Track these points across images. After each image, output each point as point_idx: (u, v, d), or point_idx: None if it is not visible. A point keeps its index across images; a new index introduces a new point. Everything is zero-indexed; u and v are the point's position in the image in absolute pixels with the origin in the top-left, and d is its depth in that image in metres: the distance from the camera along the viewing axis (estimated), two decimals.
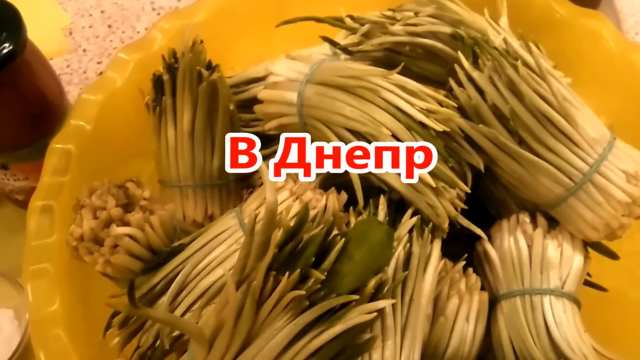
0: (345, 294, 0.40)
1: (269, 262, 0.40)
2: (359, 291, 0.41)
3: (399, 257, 0.49)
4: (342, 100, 0.52)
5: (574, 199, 0.53)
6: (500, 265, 0.56)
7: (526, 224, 0.56)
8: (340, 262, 0.42)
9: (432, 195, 0.52)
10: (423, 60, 0.59)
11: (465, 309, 0.53)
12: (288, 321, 0.39)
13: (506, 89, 0.53)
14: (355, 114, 0.52)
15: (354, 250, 0.42)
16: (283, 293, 0.39)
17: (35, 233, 0.54)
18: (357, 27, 0.60)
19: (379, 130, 0.50)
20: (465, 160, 0.55)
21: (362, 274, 0.42)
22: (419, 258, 0.49)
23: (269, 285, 0.40)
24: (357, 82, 0.52)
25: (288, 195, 0.50)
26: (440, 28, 0.57)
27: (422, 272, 0.49)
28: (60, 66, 0.85)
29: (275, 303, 0.39)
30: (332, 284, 0.41)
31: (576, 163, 0.53)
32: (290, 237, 0.41)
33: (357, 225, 0.45)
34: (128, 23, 0.89)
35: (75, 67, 0.85)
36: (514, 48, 0.54)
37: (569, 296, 0.53)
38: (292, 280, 0.39)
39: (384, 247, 0.44)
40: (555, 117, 0.52)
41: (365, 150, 0.51)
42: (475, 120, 0.54)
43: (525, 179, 0.54)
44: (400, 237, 0.50)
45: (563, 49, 0.62)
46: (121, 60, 0.63)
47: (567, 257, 0.55)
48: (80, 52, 0.87)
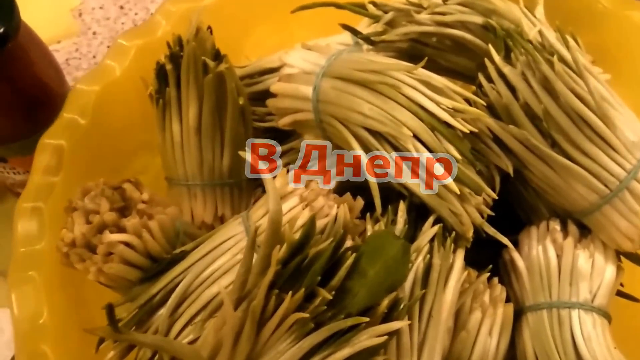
0: (355, 313, 0.37)
1: (271, 279, 0.37)
2: (371, 311, 0.38)
3: (418, 270, 0.45)
4: (360, 96, 0.49)
5: (608, 207, 0.50)
6: (527, 275, 0.52)
7: (556, 232, 0.52)
8: (352, 279, 0.39)
9: (456, 202, 0.48)
10: (451, 52, 0.55)
11: (489, 323, 0.50)
12: (292, 344, 0.37)
13: (540, 87, 0.49)
14: (375, 112, 0.48)
15: (367, 265, 0.39)
16: (286, 314, 0.36)
17: (23, 238, 0.51)
18: (380, 15, 0.56)
19: (399, 131, 0.47)
20: (493, 163, 0.51)
21: (375, 291, 0.39)
22: (440, 270, 0.46)
23: (271, 305, 0.37)
24: (378, 77, 0.48)
25: (297, 202, 0.46)
26: (471, 18, 0.53)
27: (442, 285, 0.46)
28: (68, 50, 0.82)
29: (278, 324, 0.36)
30: (341, 303, 0.38)
31: (613, 169, 0.49)
32: (295, 252, 0.38)
33: (371, 239, 0.42)
34: (141, 4, 0.85)
35: (84, 51, 0.82)
36: (550, 42, 0.50)
37: (599, 310, 0.50)
38: (296, 299, 0.36)
39: (400, 262, 0.41)
40: (592, 119, 0.48)
41: (385, 160, 0.48)
42: (506, 120, 0.50)
43: (556, 185, 0.50)
44: (421, 248, 0.47)
45: (604, 43, 0.57)
46: (121, 47, 0.59)
47: (599, 269, 0.51)
48: (90, 34, 0.83)
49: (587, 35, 0.55)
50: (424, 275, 0.45)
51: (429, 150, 0.48)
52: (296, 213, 0.45)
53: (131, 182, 0.51)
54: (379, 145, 0.48)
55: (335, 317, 0.37)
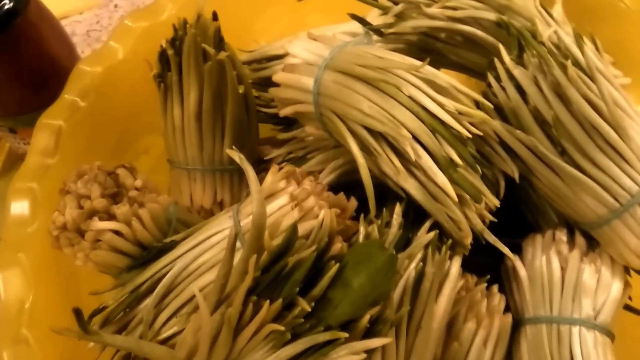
0: (336, 325, 0.36)
1: (249, 285, 0.35)
2: (353, 324, 0.36)
3: (409, 278, 0.44)
4: (361, 92, 0.47)
5: (618, 221, 0.47)
6: (529, 286, 0.50)
7: (562, 243, 0.50)
8: (334, 289, 0.37)
9: (454, 207, 0.46)
10: (463, 48, 0.53)
11: (483, 334, 0.48)
12: (268, 353, 0.35)
13: (551, 92, 0.46)
14: (374, 111, 0.46)
15: (351, 276, 0.37)
16: (263, 323, 0.35)
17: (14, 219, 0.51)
18: (390, 6, 0.53)
19: (398, 132, 0.45)
20: (498, 167, 0.49)
21: (357, 304, 0.37)
22: (433, 280, 0.44)
23: (248, 311, 0.35)
24: (379, 75, 0.46)
25: (287, 200, 0.44)
26: (484, 14, 0.50)
27: (434, 295, 0.44)
28: (89, 22, 0.81)
29: (254, 332, 0.35)
30: (322, 313, 0.36)
31: (624, 182, 0.46)
32: (275, 259, 0.36)
33: (357, 248, 0.40)
34: None
35: (105, 24, 0.81)
36: (566, 43, 0.47)
37: (601, 328, 0.48)
38: (273, 309, 0.35)
39: (385, 275, 0.39)
40: (605, 128, 0.45)
41: (383, 160, 0.46)
42: (514, 123, 0.48)
43: (564, 194, 0.48)
44: (414, 255, 0.44)
45: (626, 45, 0.54)
46: (127, 28, 0.58)
47: (605, 285, 0.49)
48: (112, 7, 0.83)
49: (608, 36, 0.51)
50: (416, 284, 0.44)
51: (428, 152, 0.45)
52: (284, 213, 0.44)
53: (126, 167, 0.50)
54: (377, 144, 0.47)
55: (314, 328, 0.35)
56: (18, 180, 0.52)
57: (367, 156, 0.47)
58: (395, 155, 0.46)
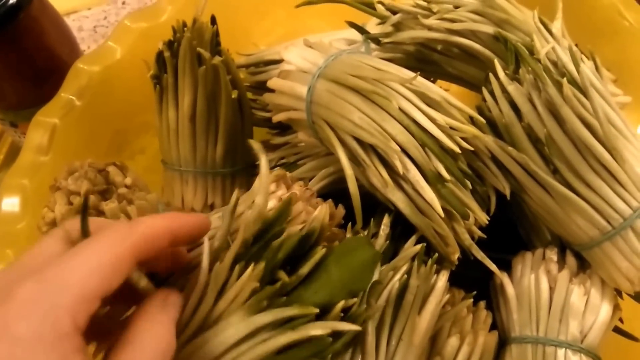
0: (311, 305, 0.36)
1: (238, 248, 0.36)
2: (326, 310, 0.37)
3: (393, 290, 0.43)
4: (353, 103, 0.46)
5: (609, 244, 0.46)
6: (516, 304, 0.50)
7: (552, 262, 0.49)
8: (316, 274, 0.37)
9: (441, 222, 0.45)
10: (460, 60, 0.52)
11: (467, 351, 0.47)
12: (243, 318, 0.35)
13: (545, 110, 0.45)
14: (364, 122, 0.45)
15: (333, 265, 0.38)
16: (243, 285, 0.35)
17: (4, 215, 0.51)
18: (389, 16, 0.53)
19: (387, 144, 0.44)
20: (490, 183, 0.48)
21: (335, 292, 0.37)
22: (417, 293, 0.43)
23: (234, 275, 0.36)
24: (371, 86, 0.45)
25: (275, 204, 0.44)
26: (482, 27, 0.49)
27: (417, 308, 0.43)
28: (97, 17, 0.82)
29: (235, 295, 0.35)
30: (301, 293, 0.37)
31: (617, 205, 0.45)
32: (266, 230, 0.37)
33: (346, 242, 0.41)
34: None
35: (112, 20, 0.81)
36: (563, 60, 0.46)
37: (587, 352, 0.47)
38: (256, 273, 0.35)
39: (366, 270, 0.40)
40: (598, 149, 0.44)
41: (371, 172, 0.46)
42: (507, 139, 0.47)
43: (555, 214, 0.47)
44: (399, 267, 0.44)
45: (628, 63, 0.53)
46: (126, 28, 0.58)
47: (593, 307, 0.48)
48: (120, 3, 0.83)
49: (610, 53, 0.51)
50: (399, 295, 0.43)
51: (417, 166, 0.45)
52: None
53: (116, 165, 0.50)
54: (366, 156, 0.46)
55: (289, 304, 0.36)
56: (10, 176, 0.53)
57: (356, 167, 0.47)
58: (384, 168, 0.46)
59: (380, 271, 0.44)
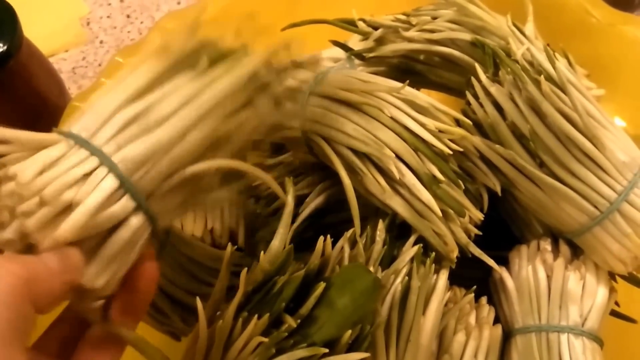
0: (320, 343, 0.37)
1: (239, 301, 0.37)
2: (335, 342, 0.38)
3: (396, 293, 0.45)
4: (345, 116, 0.48)
5: (599, 228, 0.48)
6: (517, 296, 0.51)
7: (547, 252, 0.51)
8: (320, 308, 0.39)
9: (439, 222, 0.47)
10: (441, 68, 0.55)
11: (474, 345, 0.49)
12: None
13: (526, 107, 0.48)
14: (358, 133, 0.47)
15: (336, 297, 0.39)
16: (250, 337, 0.36)
17: None
18: (370, 32, 0.55)
19: (381, 152, 0.46)
20: (481, 182, 0.50)
21: (341, 323, 0.39)
22: (419, 293, 0.45)
23: (238, 326, 0.37)
24: (362, 98, 0.48)
25: None
26: (460, 35, 0.52)
27: (421, 309, 0.45)
28: (75, 58, 0.83)
29: (243, 346, 0.36)
30: (306, 331, 0.38)
31: (602, 190, 0.47)
32: (267, 279, 0.38)
33: (343, 271, 0.42)
34: (147, 13, 0.86)
35: (91, 60, 0.83)
36: (538, 60, 0.49)
37: (589, 334, 0.49)
38: (261, 323, 0.36)
39: (369, 297, 0.41)
40: (580, 139, 0.47)
41: (369, 180, 0.48)
42: (493, 138, 0.49)
43: (546, 205, 0.49)
44: (399, 270, 0.46)
45: (598, 57, 0.56)
46: (117, 64, 0.60)
47: (590, 291, 0.50)
48: (97, 43, 0.84)
49: (581, 50, 0.53)
50: (402, 298, 0.45)
51: (411, 170, 0.47)
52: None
53: None
54: (362, 165, 0.48)
55: (298, 344, 0.37)
56: None
57: (353, 176, 0.49)
58: (381, 175, 0.48)
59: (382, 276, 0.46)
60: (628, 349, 0.55)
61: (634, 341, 0.55)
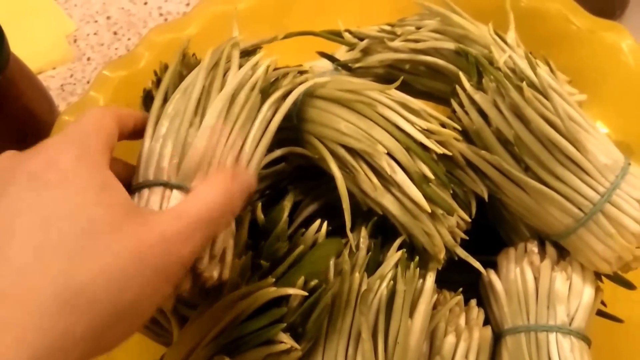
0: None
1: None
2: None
3: (382, 297, 0.46)
4: (338, 114, 0.50)
5: (583, 230, 0.50)
6: (506, 298, 0.52)
7: (534, 254, 0.52)
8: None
9: (428, 222, 0.48)
10: (426, 77, 0.56)
11: (464, 346, 0.50)
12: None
13: (510, 113, 0.49)
14: (351, 130, 0.49)
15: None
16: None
17: None
18: (356, 43, 0.56)
19: (374, 148, 0.48)
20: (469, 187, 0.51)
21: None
22: (405, 297, 0.46)
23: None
24: (354, 96, 0.49)
25: None
26: (444, 44, 0.53)
27: (407, 311, 0.46)
28: (63, 76, 0.83)
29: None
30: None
31: (586, 192, 0.49)
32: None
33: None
34: (134, 29, 0.86)
35: (79, 77, 0.83)
36: (520, 67, 0.50)
37: (577, 333, 0.50)
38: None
39: (327, 256, 0.48)
40: (563, 143, 0.48)
41: (361, 177, 0.50)
42: (479, 145, 0.51)
43: (531, 208, 0.51)
44: (384, 275, 0.47)
45: (579, 64, 0.57)
46: (105, 78, 0.60)
47: (576, 291, 0.51)
48: (85, 60, 0.85)
49: (562, 57, 0.55)
50: (389, 302, 0.46)
51: (402, 168, 0.48)
52: None
53: None
54: (355, 162, 0.49)
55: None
56: None
57: (346, 175, 0.50)
58: (373, 173, 0.49)
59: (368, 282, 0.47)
60: (617, 348, 0.56)
61: (623, 340, 0.56)
